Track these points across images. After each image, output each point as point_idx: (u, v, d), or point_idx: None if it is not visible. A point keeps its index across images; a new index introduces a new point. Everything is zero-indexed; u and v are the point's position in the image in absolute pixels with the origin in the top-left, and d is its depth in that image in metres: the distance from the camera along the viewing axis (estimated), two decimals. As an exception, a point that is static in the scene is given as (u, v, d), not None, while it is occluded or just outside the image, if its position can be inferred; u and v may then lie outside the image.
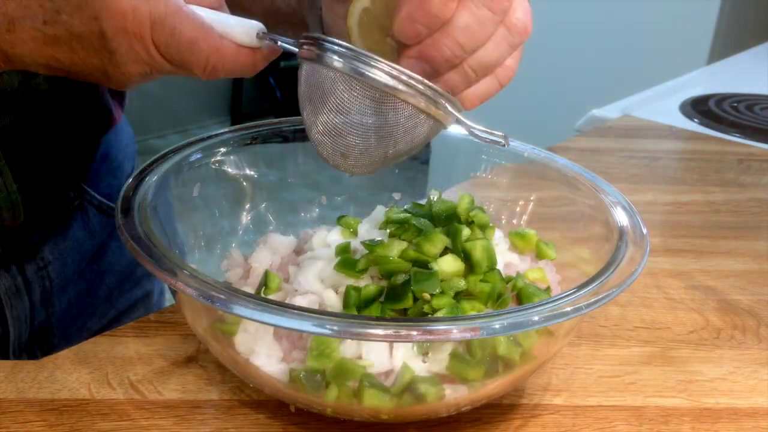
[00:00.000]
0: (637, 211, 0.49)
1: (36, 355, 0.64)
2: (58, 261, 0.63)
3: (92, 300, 0.69)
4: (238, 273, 0.52)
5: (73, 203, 0.65)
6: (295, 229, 0.59)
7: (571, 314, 0.38)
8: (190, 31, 0.37)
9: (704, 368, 0.55)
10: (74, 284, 0.66)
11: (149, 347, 0.52)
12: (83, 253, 0.66)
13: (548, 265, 0.52)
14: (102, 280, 0.69)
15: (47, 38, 0.38)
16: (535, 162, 0.58)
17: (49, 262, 0.62)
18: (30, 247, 0.61)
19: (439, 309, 0.43)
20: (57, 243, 0.63)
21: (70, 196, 0.64)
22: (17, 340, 0.62)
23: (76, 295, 0.67)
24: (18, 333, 0.63)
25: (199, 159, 0.54)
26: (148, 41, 0.37)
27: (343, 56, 0.38)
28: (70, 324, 0.67)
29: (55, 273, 0.63)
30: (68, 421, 0.45)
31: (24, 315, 0.63)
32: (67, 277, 0.65)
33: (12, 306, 0.61)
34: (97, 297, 0.69)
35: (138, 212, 0.45)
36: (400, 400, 0.42)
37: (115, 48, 0.37)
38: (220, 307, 0.38)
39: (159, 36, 0.37)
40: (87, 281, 0.68)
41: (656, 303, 0.63)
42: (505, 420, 0.48)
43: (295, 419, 0.46)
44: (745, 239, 0.76)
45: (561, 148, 1.00)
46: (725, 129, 1.13)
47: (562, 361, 0.54)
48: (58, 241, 0.63)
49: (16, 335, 0.62)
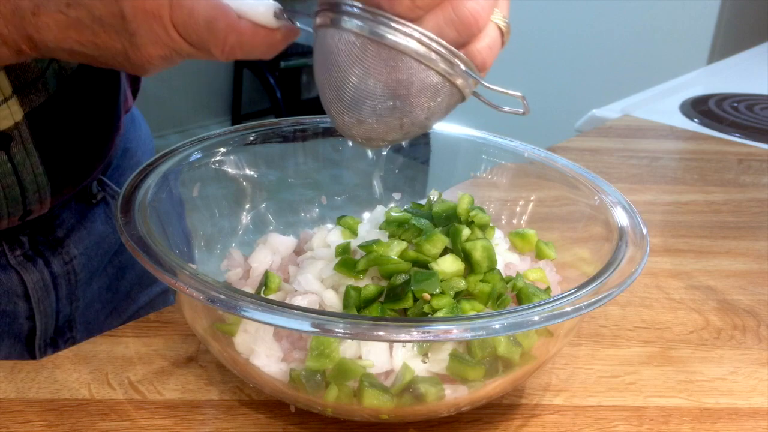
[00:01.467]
0: (637, 211, 0.49)
1: (60, 350, 0.65)
2: (83, 255, 0.64)
3: (113, 295, 0.70)
4: (238, 273, 0.52)
5: (96, 197, 0.65)
6: (295, 229, 0.59)
7: (571, 314, 0.38)
8: (207, 11, 0.38)
9: (704, 368, 0.55)
10: (97, 279, 0.67)
11: (149, 347, 0.52)
12: (106, 247, 0.67)
13: (548, 266, 0.52)
14: (123, 275, 0.70)
15: (70, 21, 0.38)
16: (535, 162, 0.58)
17: (74, 257, 0.63)
18: (56, 241, 0.62)
19: (439, 309, 0.43)
20: (81, 237, 0.64)
21: (93, 190, 0.65)
22: (43, 335, 0.63)
23: (99, 290, 0.68)
24: (44, 328, 0.63)
25: (199, 159, 0.54)
26: (167, 21, 0.38)
27: (359, 17, 0.37)
28: (93, 319, 0.68)
29: (80, 267, 0.64)
30: (68, 421, 0.45)
31: (50, 310, 0.63)
32: (92, 271, 0.66)
33: (39, 300, 0.62)
34: (118, 292, 0.70)
35: (138, 212, 0.45)
36: (400, 400, 0.42)
37: (135, 29, 0.38)
38: (221, 308, 0.38)
39: (177, 16, 0.37)
40: (109, 276, 0.69)
41: (656, 303, 0.63)
42: (505, 420, 0.48)
43: (295, 419, 0.46)
44: (745, 239, 0.76)
45: (561, 148, 1.00)
46: (725, 129, 1.13)
47: (562, 361, 0.54)
48: (83, 235, 0.64)
49: (43, 330, 0.63)
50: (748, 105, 1.26)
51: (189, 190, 0.54)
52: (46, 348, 0.64)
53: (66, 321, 0.65)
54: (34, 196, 0.56)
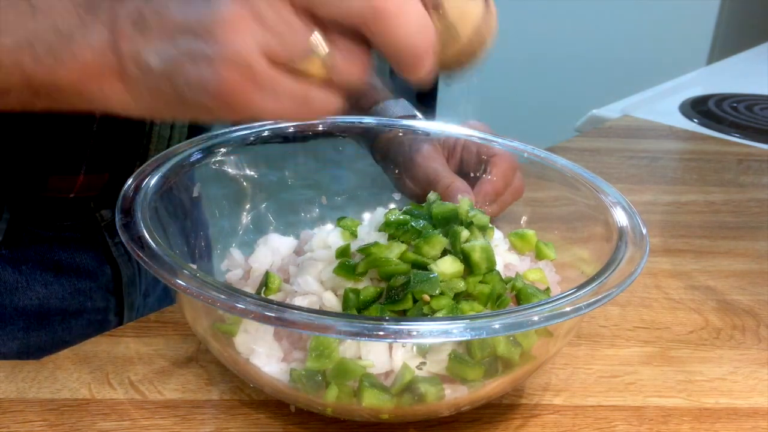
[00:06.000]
0: (636, 212, 0.49)
1: None
2: None
3: (167, 291, 0.72)
4: (238, 273, 0.52)
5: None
6: (295, 229, 0.59)
7: (570, 314, 0.39)
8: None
9: (704, 368, 0.55)
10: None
11: (149, 347, 0.52)
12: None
13: (548, 266, 0.52)
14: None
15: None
16: (534, 162, 0.58)
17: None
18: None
19: (438, 310, 0.43)
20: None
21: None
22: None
23: (163, 288, 0.71)
24: (128, 321, 0.66)
25: (199, 159, 0.54)
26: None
27: None
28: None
29: None
30: (69, 420, 0.45)
31: (134, 304, 0.66)
32: None
33: (128, 294, 0.64)
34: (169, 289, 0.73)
35: (139, 212, 0.45)
36: (400, 400, 0.42)
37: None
38: (221, 308, 0.38)
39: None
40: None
41: (656, 303, 0.63)
42: (505, 420, 0.48)
43: (295, 419, 0.46)
44: (745, 239, 0.76)
45: (561, 148, 1.00)
46: (725, 129, 1.13)
47: (561, 361, 0.54)
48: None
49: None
50: (747, 105, 1.26)
51: (189, 190, 0.54)
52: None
53: (138, 317, 0.68)
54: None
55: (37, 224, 0.62)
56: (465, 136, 0.62)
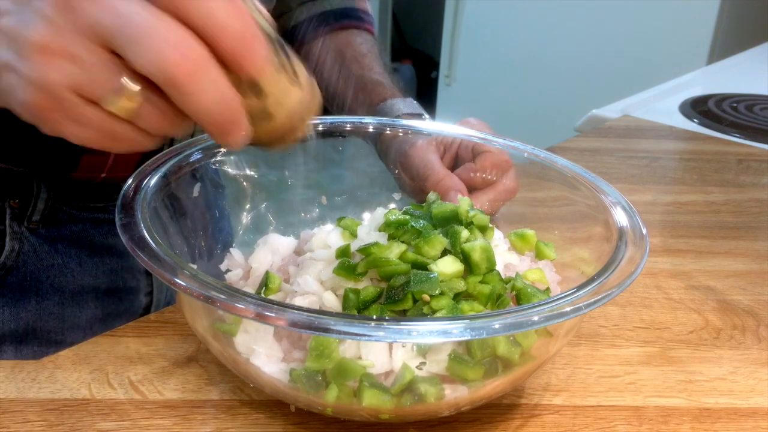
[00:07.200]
0: (636, 212, 0.49)
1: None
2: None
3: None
4: (238, 273, 0.52)
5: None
6: (295, 229, 0.59)
7: (570, 314, 0.39)
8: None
9: (704, 368, 0.55)
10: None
11: (149, 347, 0.52)
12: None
13: (548, 266, 0.52)
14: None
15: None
16: (534, 162, 0.58)
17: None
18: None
19: (438, 310, 0.43)
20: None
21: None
22: (156, 309, 0.68)
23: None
24: (158, 302, 0.69)
25: (199, 159, 0.54)
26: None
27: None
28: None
29: None
30: (69, 421, 0.45)
31: (163, 285, 0.68)
32: None
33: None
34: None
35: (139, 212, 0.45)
36: (400, 400, 0.42)
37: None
38: (221, 308, 0.38)
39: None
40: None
41: (656, 303, 0.63)
42: (505, 420, 0.48)
43: (295, 419, 0.46)
44: (745, 239, 0.76)
45: (561, 148, 1.00)
46: (725, 129, 1.13)
47: (561, 361, 0.54)
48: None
49: (156, 306, 0.69)
50: (747, 105, 1.26)
51: (189, 190, 0.54)
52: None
53: (167, 300, 0.70)
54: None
55: (72, 205, 0.65)
56: (465, 136, 0.62)
